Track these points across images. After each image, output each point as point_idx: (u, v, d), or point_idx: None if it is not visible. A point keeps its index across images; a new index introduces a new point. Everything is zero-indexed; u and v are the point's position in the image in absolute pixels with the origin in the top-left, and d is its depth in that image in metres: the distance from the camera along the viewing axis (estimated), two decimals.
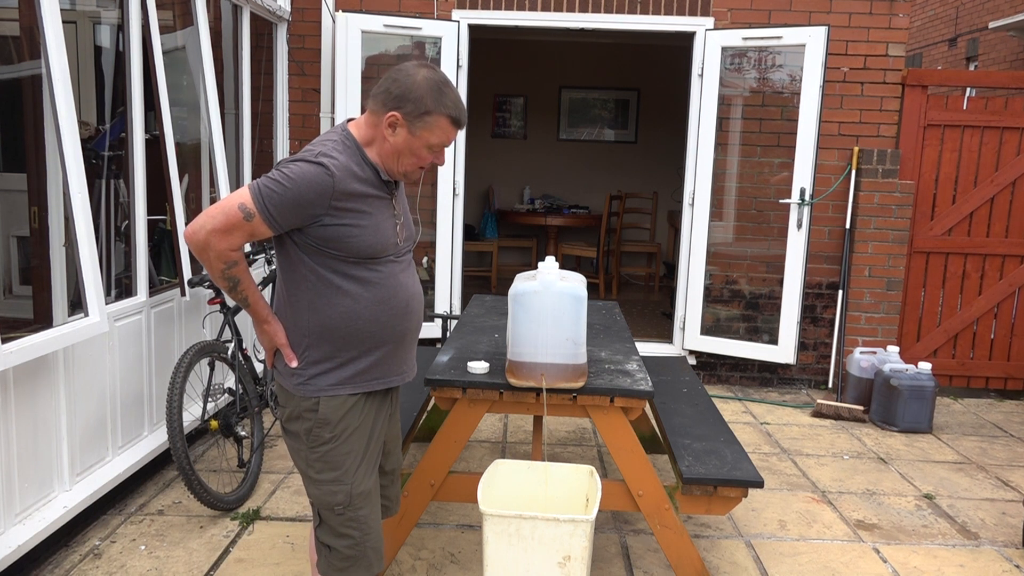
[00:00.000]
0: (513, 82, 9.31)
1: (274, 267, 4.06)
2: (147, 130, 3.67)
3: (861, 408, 5.03)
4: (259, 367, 4.38)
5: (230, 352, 3.64)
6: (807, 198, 5.21)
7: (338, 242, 1.96)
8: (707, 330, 5.63)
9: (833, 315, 5.59)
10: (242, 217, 1.90)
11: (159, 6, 3.64)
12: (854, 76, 5.39)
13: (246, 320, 4.71)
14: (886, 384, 4.88)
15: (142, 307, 3.66)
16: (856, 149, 5.39)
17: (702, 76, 5.38)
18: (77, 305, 3.18)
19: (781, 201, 5.36)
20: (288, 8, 5.37)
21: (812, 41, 5.06)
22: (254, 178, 4.97)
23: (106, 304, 3.22)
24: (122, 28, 3.58)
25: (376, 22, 5.20)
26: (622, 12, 5.39)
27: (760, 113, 5.44)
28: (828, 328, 5.61)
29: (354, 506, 2.08)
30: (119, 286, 3.70)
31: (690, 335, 5.65)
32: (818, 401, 5.16)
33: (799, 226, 5.29)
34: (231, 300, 4.25)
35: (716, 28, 5.35)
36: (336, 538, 2.10)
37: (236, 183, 4.84)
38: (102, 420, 3.39)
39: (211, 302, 3.72)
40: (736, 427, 4.83)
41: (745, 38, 5.23)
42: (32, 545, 2.83)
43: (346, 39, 5.16)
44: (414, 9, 5.38)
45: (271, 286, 4.10)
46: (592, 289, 7.32)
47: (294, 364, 2.05)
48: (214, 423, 3.54)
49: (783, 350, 5.43)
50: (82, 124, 3.16)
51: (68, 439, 3.14)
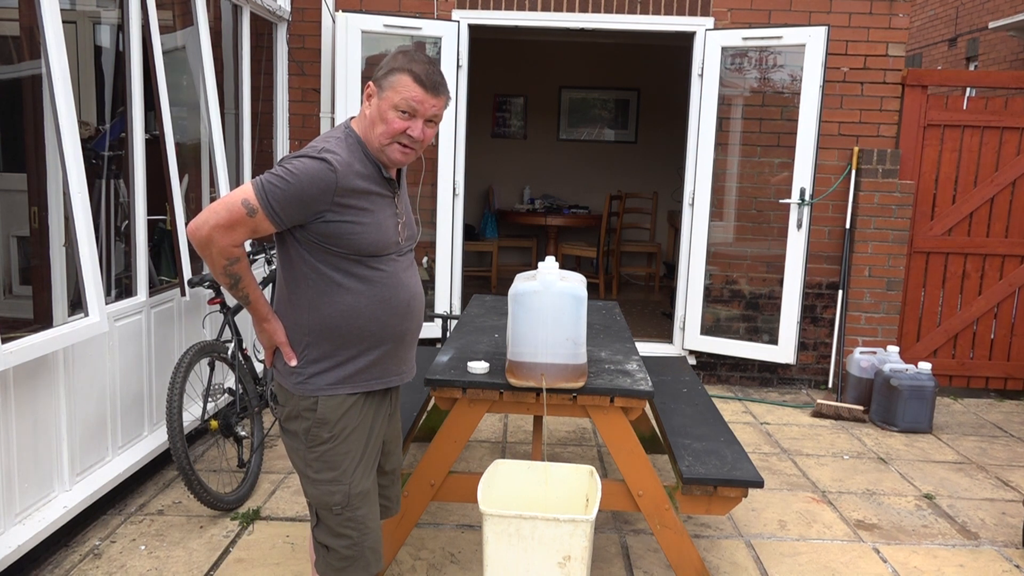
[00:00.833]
0: (513, 82, 9.31)
1: (274, 267, 4.06)
2: (147, 130, 3.67)
3: (861, 408, 5.03)
4: (259, 367, 4.38)
5: (230, 352, 3.64)
6: (807, 198, 5.21)
7: (340, 239, 1.95)
8: (707, 330, 5.63)
9: (833, 315, 5.59)
10: (245, 213, 1.90)
11: (159, 6, 3.64)
12: (854, 76, 5.39)
13: (246, 320, 4.71)
14: (886, 384, 4.88)
15: (142, 307, 3.66)
16: (856, 149, 5.39)
17: (702, 76, 5.38)
18: (77, 305, 3.18)
19: (781, 201, 5.36)
20: (288, 8, 5.37)
21: (812, 41, 5.06)
22: (254, 178, 5.00)
23: (106, 304, 3.22)
24: (122, 28, 3.58)
25: (376, 22, 5.20)
26: (622, 12, 5.39)
27: (760, 113, 5.44)
28: (828, 328, 5.62)
29: (352, 506, 2.08)
30: (119, 286, 3.70)
31: (690, 335, 5.65)
32: (818, 401, 5.16)
33: (799, 226, 5.29)
34: (231, 299, 4.26)
35: (716, 28, 5.35)
36: (334, 538, 2.10)
37: (236, 183, 4.84)
38: (102, 420, 3.39)
39: (211, 302, 3.72)
40: (736, 427, 4.83)
41: (745, 38, 5.24)
42: (32, 545, 2.83)
43: (346, 39, 5.16)
44: (414, 9, 5.38)
45: (271, 286, 4.10)
46: (592, 289, 7.31)
47: (293, 363, 2.05)
48: (214, 423, 3.54)
49: (783, 350, 5.43)
50: (82, 124, 3.16)
51: (68, 439, 3.14)
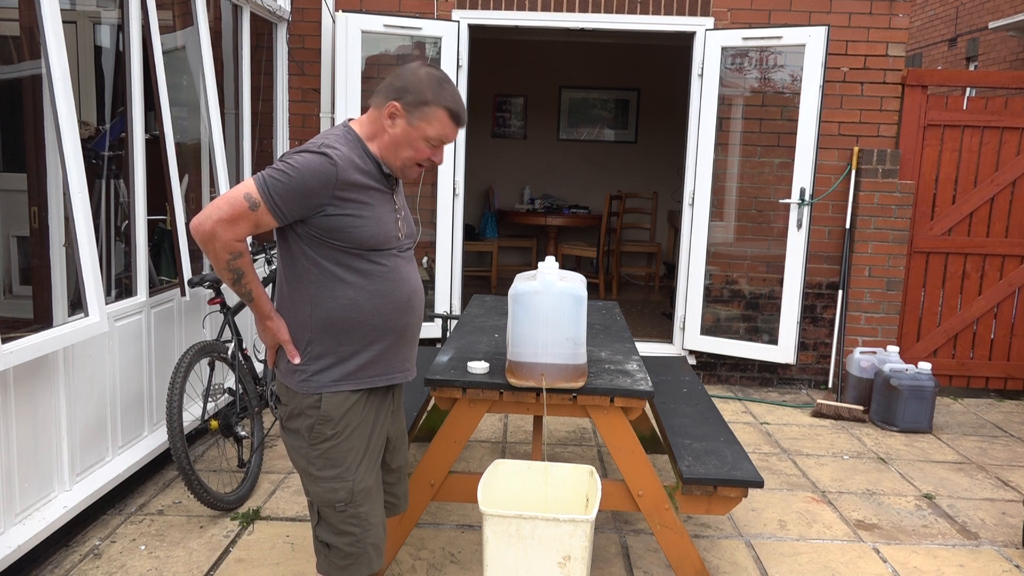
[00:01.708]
0: (513, 82, 9.31)
1: (274, 267, 4.06)
2: (147, 130, 3.67)
3: (861, 408, 5.03)
4: (259, 367, 4.38)
5: (230, 352, 3.64)
6: (807, 198, 5.21)
7: (340, 232, 1.97)
8: (707, 330, 5.63)
9: (833, 315, 5.59)
10: (247, 207, 1.91)
11: (159, 6, 3.64)
12: (854, 76, 5.39)
13: (246, 320, 4.71)
14: (886, 384, 4.88)
15: (142, 307, 3.66)
16: (856, 149, 5.39)
17: (702, 76, 5.38)
18: (77, 305, 3.18)
19: (781, 201, 5.36)
20: (288, 8, 5.37)
21: (812, 41, 5.06)
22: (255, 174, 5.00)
23: (106, 304, 3.22)
24: (122, 28, 3.58)
25: (376, 22, 5.20)
26: (622, 12, 5.39)
27: (760, 113, 5.44)
28: (828, 328, 5.62)
29: (355, 503, 2.08)
30: (119, 286, 3.70)
31: (690, 335, 5.65)
32: (818, 401, 5.16)
33: (799, 226, 5.29)
34: (231, 299, 4.26)
35: (716, 28, 5.35)
36: (336, 535, 2.10)
37: (236, 183, 4.83)
38: (102, 420, 3.39)
39: (211, 302, 3.71)
40: (736, 427, 4.83)
41: (745, 38, 5.24)
42: (32, 545, 2.83)
43: (346, 39, 5.16)
44: (414, 9, 5.38)
45: (271, 286, 4.10)
46: (592, 289, 7.31)
47: (296, 360, 2.06)
48: (214, 423, 3.54)
49: (783, 350, 5.43)
50: (82, 124, 3.16)
51: (68, 439, 3.14)
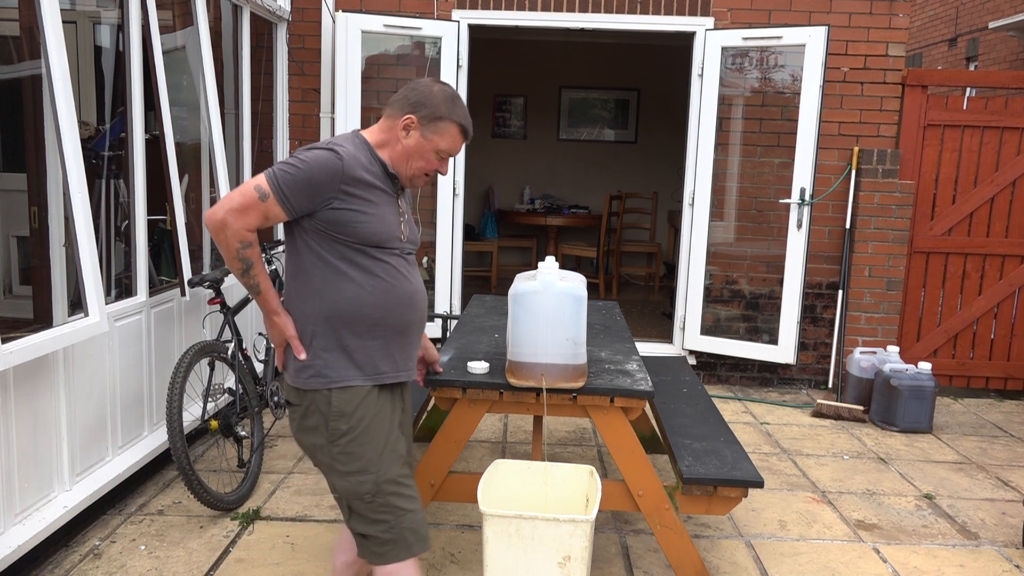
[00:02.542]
0: (513, 82, 9.31)
1: (274, 267, 4.06)
2: (147, 130, 3.67)
3: (861, 408, 5.03)
4: (259, 367, 4.38)
5: (230, 352, 3.64)
6: (807, 198, 5.21)
7: (345, 226, 2.04)
8: (707, 330, 5.63)
9: (833, 315, 5.59)
10: (257, 197, 2.01)
11: (159, 6, 3.64)
12: (854, 76, 5.39)
13: (246, 320, 4.72)
14: (886, 384, 4.88)
15: (142, 307, 3.66)
16: (856, 149, 5.39)
17: (702, 76, 5.38)
18: (77, 305, 3.18)
19: (781, 201, 5.36)
20: (288, 8, 5.37)
21: (812, 41, 5.06)
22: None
23: (106, 304, 3.22)
24: (122, 28, 3.58)
25: (376, 22, 5.20)
26: (622, 12, 5.39)
27: (760, 113, 5.44)
28: (828, 328, 5.62)
29: (383, 492, 2.12)
30: (119, 286, 3.70)
31: (690, 335, 5.65)
32: (818, 401, 5.16)
33: (799, 226, 5.29)
34: (231, 299, 4.26)
35: (716, 28, 5.35)
36: (370, 525, 2.14)
37: (236, 183, 4.84)
38: (102, 420, 3.39)
39: (211, 302, 3.71)
40: (736, 427, 4.83)
41: (745, 38, 5.24)
42: (32, 545, 2.83)
43: (346, 39, 5.16)
44: (414, 9, 5.38)
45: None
46: (592, 289, 7.31)
47: (303, 356, 2.11)
48: (214, 423, 3.54)
49: (783, 350, 5.43)
50: (82, 124, 3.16)
51: (68, 439, 3.14)
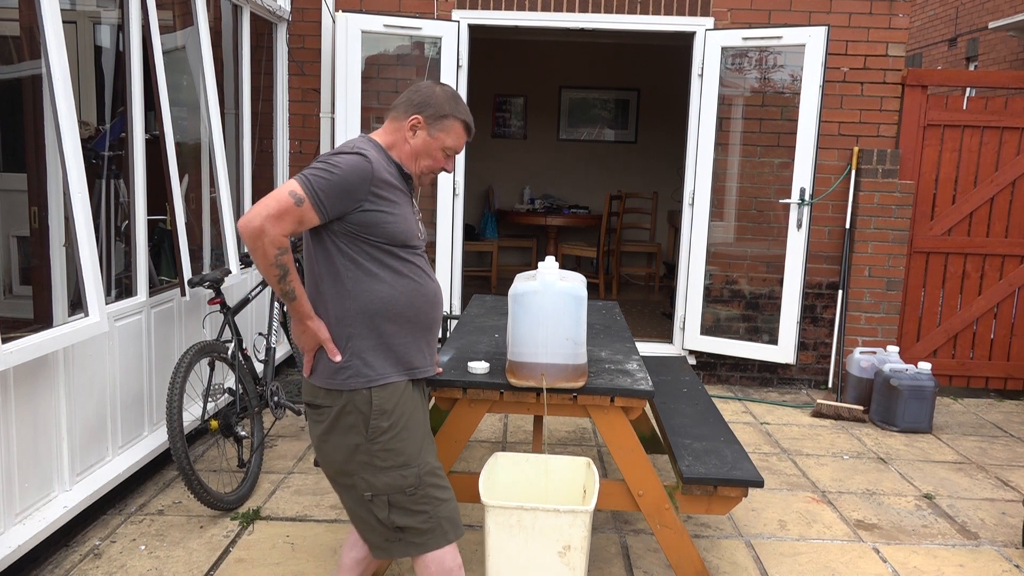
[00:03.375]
0: (513, 82, 9.31)
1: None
2: (147, 130, 3.67)
3: (861, 408, 5.03)
4: (259, 367, 4.38)
5: (230, 352, 3.64)
6: (807, 198, 5.21)
7: (376, 227, 2.10)
8: (707, 330, 5.63)
9: (833, 315, 5.59)
10: (293, 203, 2.02)
11: (159, 6, 3.64)
12: (854, 76, 5.39)
13: (246, 320, 4.72)
14: (886, 384, 4.88)
15: (142, 307, 3.66)
16: (856, 149, 5.39)
17: (702, 76, 5.38)
18: (77, 305, 3.18)
19: (781, 201, 5.36)
20: (288, 8, 5.37)
21: (812, 41, 5.06)
22: (254, 179, 5.01)
23: (106, 304, 3.22)
24: (122, 28, 3.58)
25: (376, 22, 5.20)
26: (622, 12, 5.39)
27: (760, 113, 5.44)
28: (828, 328, 5.62)
29: (424, 483, 2.18)
30: (119, 286, 3.70)
31: (690, 335, 5.65)
32: (818, 401, 5.16)
33: (799, 226, 5.29)
34: (231, 299, 4.26)
35: (716, 28, 5.35)
36: (410, 516, 2.18)
37: (236, 183, 4.84)
38: (102, 420, 3.39)
39: (211, 302, 3.71)
40: (736, 427, 4.83)
41: (745, 38, 5.24)
42: (32, 545, 2.83)
43: (346, 39, 5.16)
44: (414, 9, 5.38)
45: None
46: (592, 289, 7.31)
47: (338, 359, 2.14)
48: (214, 423, 3.54)
49: (783, 350, 5.43)
50: (82, 124, 3.16)
51: (68, 439, 3.14)
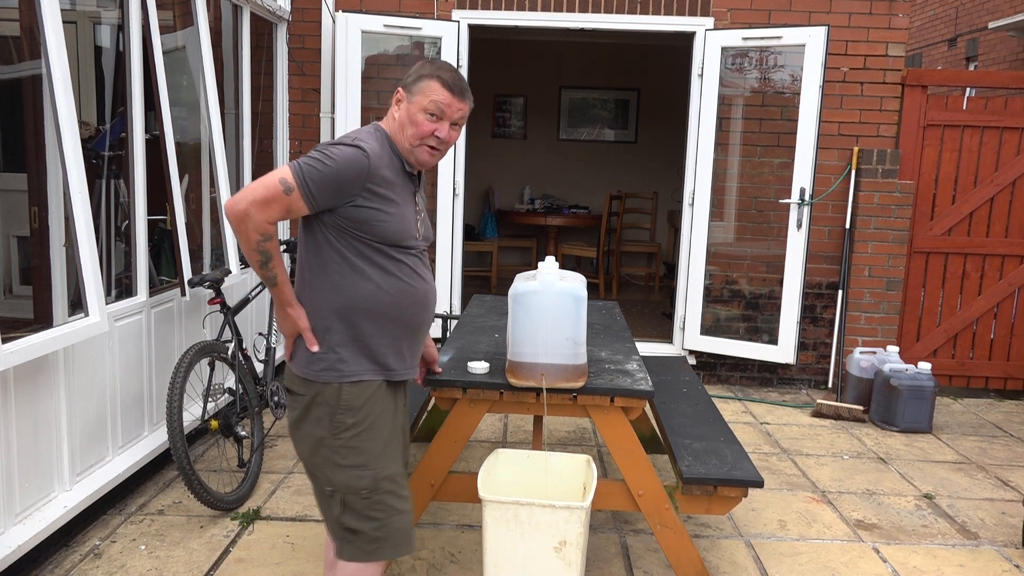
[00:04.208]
0: (513, 82, 9.31)
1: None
2: (147, 130, 3.67)
3: (861, 408, 5.03)
4: (259, 367, 4.38)
5: (230, 352, 3.64)
6: (807, 198, 5.21)
7: (367, 224, 2.05)
8: (707, 330, 5.63)
9: (833, 315, 5.59)
10: (282, 191, 1.99)
11: (159, 6, 3.64)
12: (854, 76, 5.39)
13: (246, 320, 4.72)
14: (886, 384, 4.88)
15: (142, 307, 3.66)
16: (856, 149, 5.39)
17: (702, 76, 5.38)
18: (77, 305, 3.18)
19: (781, 201, 5.36)
20: (288, 8, 5.37)
21: (812, 41, 5.06)
22: (254, 178, 5.00)
23: (106, 304, 3.22)
24: (122, 28, 3.58)
25: (376, 22, 5.20)
26: (622, 12, 5.39)
27: (760, 113, 5.44)
28: (828, 328, 5.62)
29: (379, 489, 2.14)
30: (119, 286, 3.70)
31: (690, 335, 5.65)
32: (818, 401, 5.16)
33: (799, 226, 5.29)
34: (231, 300, 4.26)
35: (716, 28, 5.35)
36: (362, 521, 2.15)
37: (236, 183, 4.84)
38: (102, 420, 3.39)
39: (211, 302, 3.71)
40: (736, 427, 4.83)
41: (745, 38, 5.24)
42: (32, 545, 2.83)
43: (346, 39, 5.16)
44: (414, 9, 5.38)
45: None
46: (592, 289, 7.31)
47: (315, 349, 2.11)
48: (214, 423, 3.54)
49: (783, 350, 5.43)
50: (82, 124, 3.16)
51: (68, 439, 3.14)
